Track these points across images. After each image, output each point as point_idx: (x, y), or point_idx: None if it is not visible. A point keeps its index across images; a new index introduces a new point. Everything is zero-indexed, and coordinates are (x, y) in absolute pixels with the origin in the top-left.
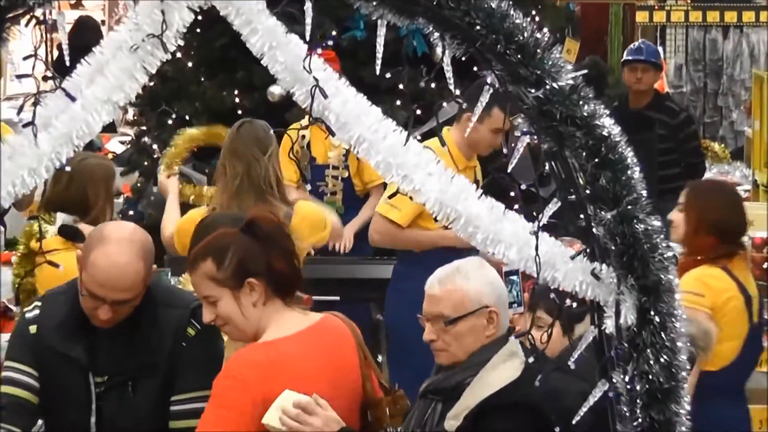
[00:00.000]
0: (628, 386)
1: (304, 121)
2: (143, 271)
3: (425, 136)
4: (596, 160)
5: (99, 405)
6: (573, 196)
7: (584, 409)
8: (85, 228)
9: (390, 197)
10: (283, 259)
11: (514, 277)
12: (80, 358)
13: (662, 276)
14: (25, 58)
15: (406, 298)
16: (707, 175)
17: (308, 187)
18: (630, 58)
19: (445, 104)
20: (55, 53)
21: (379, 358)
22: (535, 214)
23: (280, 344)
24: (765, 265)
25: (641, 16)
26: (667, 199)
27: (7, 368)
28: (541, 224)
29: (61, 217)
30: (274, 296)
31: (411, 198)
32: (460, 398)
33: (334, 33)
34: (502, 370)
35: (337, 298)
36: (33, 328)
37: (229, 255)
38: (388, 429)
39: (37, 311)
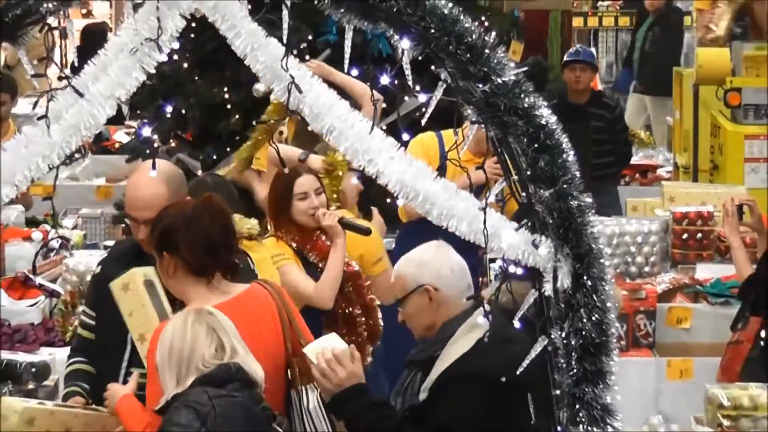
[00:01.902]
0: (565, 341)
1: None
2: (165, 193)
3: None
4: (536, 145)
5: None
6: (516, 177)
7: (527, 361)
8: None
9: None
10: (193, 249)
11: (494, 264)
12: None
13: (593, 245)
14: (39, 60)
15: None
16: (634, 159)
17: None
18: (569, 59)
19: (405, 98)
20: (70, 57)
21: None
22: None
23: (216, 310)
24: (684, 236)
25: (577, 22)
26: (604, 182)
27: (82, 312)
28: (488, 201)
29: None
30: (188, 274)
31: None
32: (431, 371)
33: (309, 37)
34: (462, 343)
35: None
36: (98, 268)
37: (156, 226)
38: (299, 388)
39: (105, 254)
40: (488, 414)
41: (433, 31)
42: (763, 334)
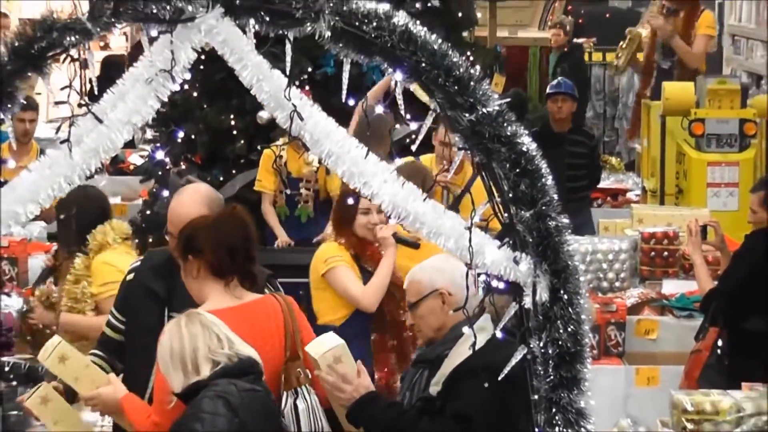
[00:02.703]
0: (543, 350)
1: (282, 141)
2: (206, 214)
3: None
4: (517, 170)
5: None
6: (499, 199)
7: (507, 368)
8: None
9: None
10: (216, 251)
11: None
12: (160, 291)
13: (569, 262)
14: (62, 89)
15: None
16: (606, 183)
17: (288, 191)
18: (552, 91)
19: (397, 126)
20: (87, 85)
21: None
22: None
23: (204, 312)
24: (651, 254)
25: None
26: (578, 204)
27: (110, 313)
28: (473, 220)
29: None
30: (210, 275)
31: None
32: (441, 367)
33: (309, 69)
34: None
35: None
36: (130, 276)
37: (183, 233)
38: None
39: (138, 263)
40: (498, 405)
41: (424, 64)
42: (720, 343)
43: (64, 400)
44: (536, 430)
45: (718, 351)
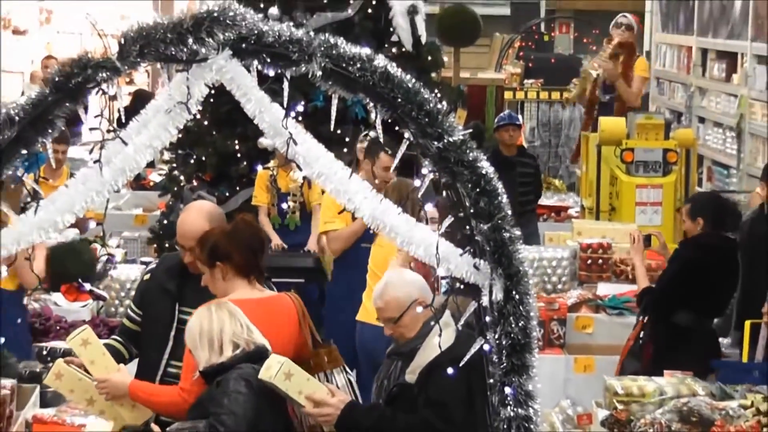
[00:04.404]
0: (497, 341)
1: (273, 163)
2: (208, 227)
3: None
4: (477, 190)
5: (179, 328)
6: (461, 214)
7: (468, 356)
8: None
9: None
10: (242, 253)
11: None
12: (172, 289)
13: (520, 268)
14: (94, 117)
15: (342, 286)
16: (550, 201)
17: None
18: (502, 123)
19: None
20: (116, 114)
21: None
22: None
23: (230, 302)
24: (588, 261)
25: (508, 95)
26: (527, 217)
27: (128, 307)
28: (440, 231)
29: None
30: (238, 275)
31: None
32: (414, 358)
33: (302, 102)
34: (443, 337)
35: (302, 280)
36: (147, 276)
37: (206, 245)
38: (327, 372)
39: (154, 265)
40: (467, 392)
41: (399, 100)
42: (641, 334)
43: (78, 371)
44: (491, 408)
45: (640, 341)
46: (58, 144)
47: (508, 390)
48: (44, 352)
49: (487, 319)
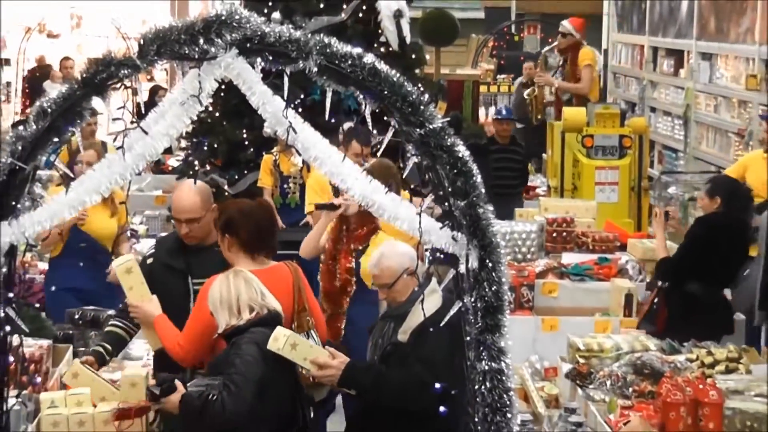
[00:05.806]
0: (473, 304)
1: (276, 149)
2: (200, 201)
3: None
4: (455, 171)
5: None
6: (441, 192)
7: (447, 317)
8: None
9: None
10: (249, 232)
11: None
12: (181, 267)
13: (493, 239)
14: (118, 109)
15: None
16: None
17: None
18: (498, 117)
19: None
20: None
21: None
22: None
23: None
24: (554, 234)
25: (483, 89)
26: (515, 197)
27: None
28: (423, 208)
29: None
30: (242, 249)
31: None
32: (405, 320)
33: (301, 96)
34: (430, 301)
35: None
36: (150, 259)
37: (222, 215)
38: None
39: (153, 249)
40: (451, 351)
41: (386, 92)
42: (656, 300)
43: (92, 372)
44: (468, 362)
45: (654, 306)
46: (92, 117)
47: (482, 347)
48: (75, 316)
49: (465, 284)
